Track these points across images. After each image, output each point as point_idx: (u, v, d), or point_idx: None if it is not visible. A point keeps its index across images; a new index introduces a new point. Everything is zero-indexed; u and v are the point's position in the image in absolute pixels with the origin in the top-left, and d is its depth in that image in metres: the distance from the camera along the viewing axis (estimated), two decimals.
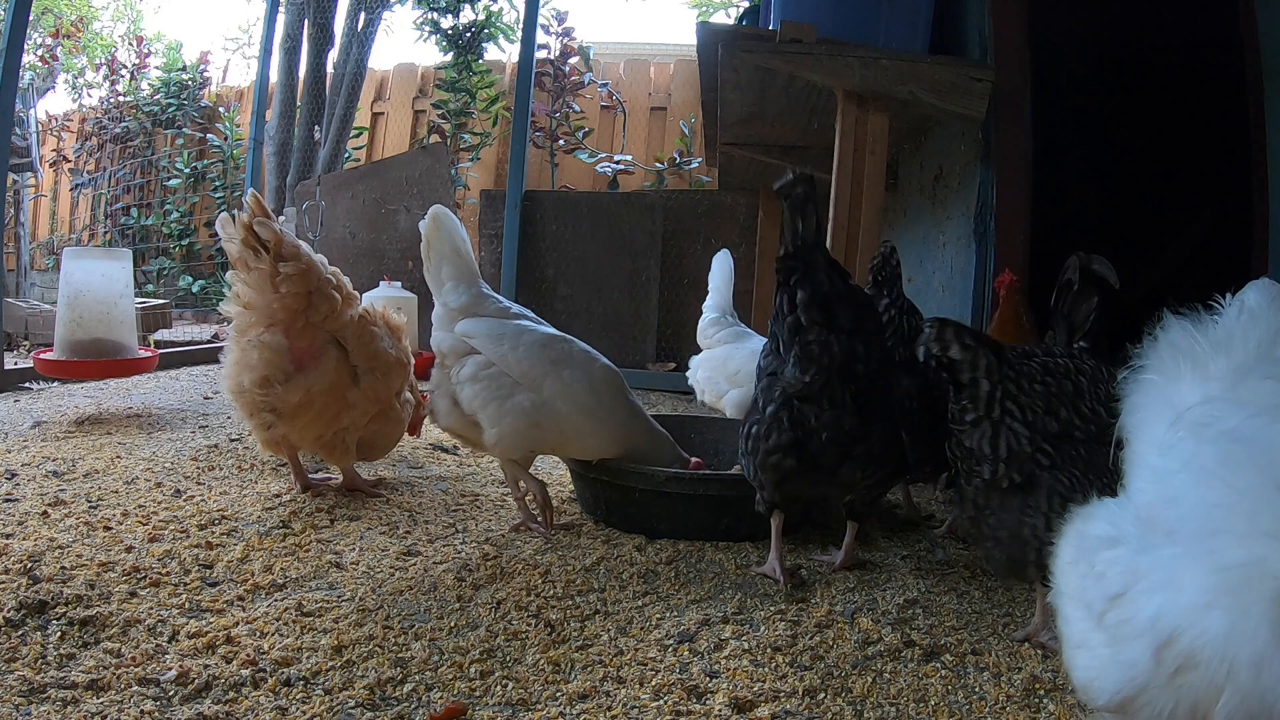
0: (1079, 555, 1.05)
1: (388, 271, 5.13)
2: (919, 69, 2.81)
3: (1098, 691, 0.94)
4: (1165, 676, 0.85)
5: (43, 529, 1.94)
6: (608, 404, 2.11)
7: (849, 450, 1.69)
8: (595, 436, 2.12)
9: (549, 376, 2.06)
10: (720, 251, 3.38)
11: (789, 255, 1.72)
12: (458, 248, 2.21)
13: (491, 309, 2.19)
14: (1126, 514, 1.03)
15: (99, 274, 3.46)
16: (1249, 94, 2.70)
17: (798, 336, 1.68)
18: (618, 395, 2.14)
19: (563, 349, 2.13)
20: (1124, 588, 0.94)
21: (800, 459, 1.70)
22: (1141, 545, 0.96)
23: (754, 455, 1.75)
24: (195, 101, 9.21)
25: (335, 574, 1.80)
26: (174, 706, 1.25)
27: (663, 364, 5.22)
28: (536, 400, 2.06)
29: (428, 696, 1.33)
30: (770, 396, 1.73)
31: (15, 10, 3.78)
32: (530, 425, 2.06)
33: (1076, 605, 1.03)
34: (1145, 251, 4.09)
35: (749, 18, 4.50)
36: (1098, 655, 0.95)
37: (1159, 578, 0.91)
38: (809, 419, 1.68)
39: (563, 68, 7.44)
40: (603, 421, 2.11)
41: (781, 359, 1.74)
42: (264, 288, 2.15)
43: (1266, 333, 1.02)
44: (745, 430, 1.85)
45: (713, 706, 1.33)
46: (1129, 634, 0.91)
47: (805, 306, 1.66)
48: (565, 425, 2.08)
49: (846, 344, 1.66)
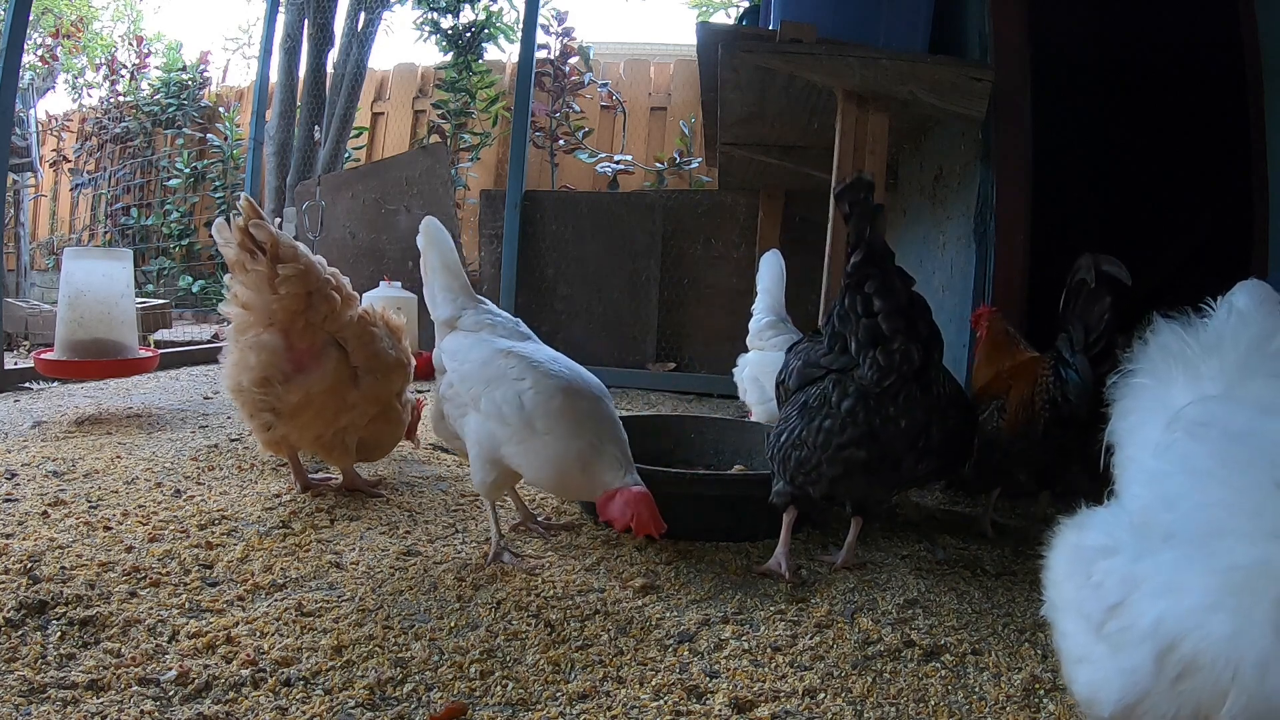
0: (1074, 568, 1.05)
1: (388, 271, 5.14)
2: (919, 69, 2.81)
3: (1101, 704, 0.93)
4: (1167, 682, 0.85)
5: (43, 529, 1.94)
6: (543, 425, 1.82)
7: (915, 443, 1.77)
8: (526, 459, 1.85)
9: (483, 397, 1.91)
10: (769, 251, 3.35)
11: (864, 262, 1.76)
12: (445, 260, 2.15)
13: (468, 323, 2.09)
14: (1120, 521, 1.03)
15: (99, 274, 3.46)
16: (1249, 94, 2.70)
17: (879, 344, 1.74)
18: (555, 417, 1.83)
19: (499, 367, 1.91)
20: (1122, 596, 0.93)
21: (871, 451, 1.76)
22: (1138, 552, 0.96)
23: (824, 449, 1.79)
24: (195, 101, 9.20)
25: (335, 574, 1.80)
26: (174, 706, 1.25)
27: (663, 364, 5.22)
28: (479, 420, 1.93)
29: (428, 696, 1.33)
30: (845, 392, 1.78)
31: (15, 10, 3.78)
32: (478, 446, 1.93)
33: (1074, 618, 1.02)
34: (1145, 251, 4.09)
35: (749, 18, 4.50)
36: (1100, 668, 0.95)
37: (1159, 583, 0.90)
38: (886, 409, 1.75)
39: (563, 68, 7.44)
40: (529, 446, 1.84)
41: (851, 358, 1.80)
42: (262, 289, 2.15)
43: (1257, 333, 1.01)
44: (801, 428, 1.84)
45: (713, 706, 1.33)
46: (1129, 641, 0.90)
47: (888, 315, 1.73)
48: (505, 449, 1.88)
49: (924, 351, 1.74)
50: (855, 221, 1.79)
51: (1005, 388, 2.18)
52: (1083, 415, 1.97)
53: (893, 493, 2.06)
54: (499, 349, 1.95)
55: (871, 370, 1.74)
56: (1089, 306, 1.94)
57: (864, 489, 1.90)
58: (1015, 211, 2.96)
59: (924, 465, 1.81)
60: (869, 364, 1.75)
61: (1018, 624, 1.70)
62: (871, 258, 1.76)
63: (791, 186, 4.85)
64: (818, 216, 3.38)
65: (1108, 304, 1.89)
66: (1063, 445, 2.04)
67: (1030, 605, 1.80)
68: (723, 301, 5.15)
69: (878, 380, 1.74)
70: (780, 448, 1.88)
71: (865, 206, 1.79)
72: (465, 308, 2.13)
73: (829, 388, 1.82)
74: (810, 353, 1.93)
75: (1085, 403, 1.95)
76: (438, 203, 5.61)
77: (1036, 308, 2.89)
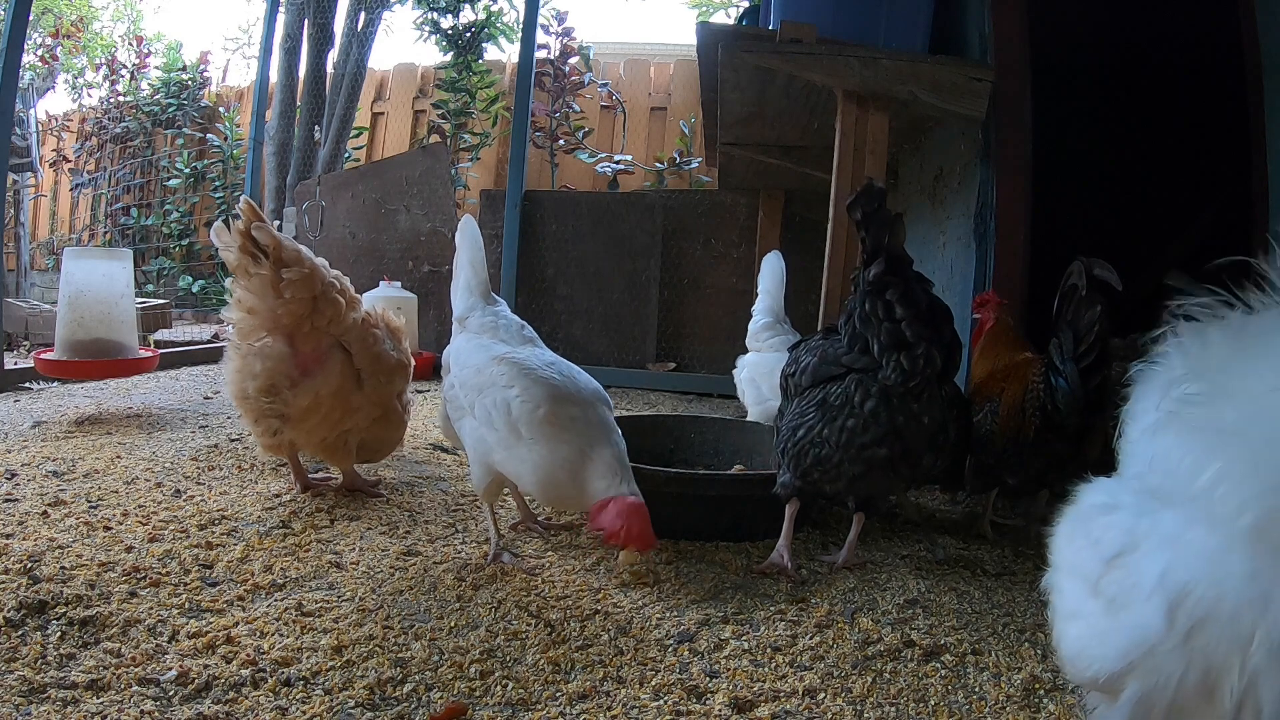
0: (1075, 527, 1.04)
1: (388, 271, 5.13)
2: (919, 69, 2.81)
3: (1088, 661, 0.91)
4: (1179, 637, 0.80)
5: (43, 529, 1.94)
6: (528, 432, 1.80)
7: (935, 440, 1.81)
8: (513, 466, 1.84)
9: (476, 402, 1.92)
10: (770, 253, 3.37)
11: (886, 272, 1.79)
12: (472, 258, 2.21)
13: (474, 324, 2.12)
14: (1123, 486, 1.03)
15: (100, 274, 3.46)
16: (1249, 94, 2.70)
17: (903, 349, 1.77)
18: (540, 424, 1.80)
19: (491, 374, 1.90)
20: (1122, 549, 0.91)
21: (894, 449, 1.80)
22: (1140, 510, 0.94)
23: (847, 448, 1.82)
24: (195, 101, 9.20)
25: (335, 574, 1.80)
26: (174, 706, 1.25)
27: (663, 364, 5.22)
28: (473, 425, 1.93)
29: (428, 696, 1.33)
30: (868, 393, 1.81)
31: (15, 10, 3.78)
32: (473, 451, 1.94)
33: (1071, 577, 1.00)
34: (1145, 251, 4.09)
35: (749, 18, 4.50)
36: (1091, 623, 0.92)
37: (1164, 535, 0.88)
38: (910, 407, 1.79)
39: (563, 68, 7.43)
40: (515, 454, 1.82)
41: (873, 359, 1.83)
42: (266, 293, 2.13)
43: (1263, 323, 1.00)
44: (821, 427, 1.86)
45: (713, 706, 1.33)
46: (1134, 598, 0.86)
47: (911, 322, 1.76)
48: (494, 456, 1.87)
49: (945, 354, 1.78)
50: (873, 231, 1.82)
51: (999, 389, 2.17)
52: (1073, 424, 1.97)
53: (908, 489, 2.10)
54: (494, 355, 1.95)
55: (896, 373, 1.77)
56: (1080, 313, 1.93)
57: (882, 486, 1.93)
58: (1015, 211, 2.96)
59: (940, 461, 1.86)
60: (893, 367, 1.78)
61: (1018, 624, 1.70)
62: (893, 267, 1.79)
63: (791, 186, 4.85)
64: (818, 216, 3.38)
65: (1098, 313, 1.89)
66: (1054, 452, 2.03)
67: (1030, 605, 1.80)
68: (723, 301, 5.16)
69: (902, 382, 1.77)
70: (796, 444, 1.89)
71: (882, 215, 1.81)
72: (475, 308, 2.16)
73: (851, 388, 1.83)
74: (828, 350, 1.94)
75: (1075, 412, 1.95)
76: (438, 203, 5.61)
77: (1036, 308, 2.88)
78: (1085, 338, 1.93)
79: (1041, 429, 2.02)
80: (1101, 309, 1.89)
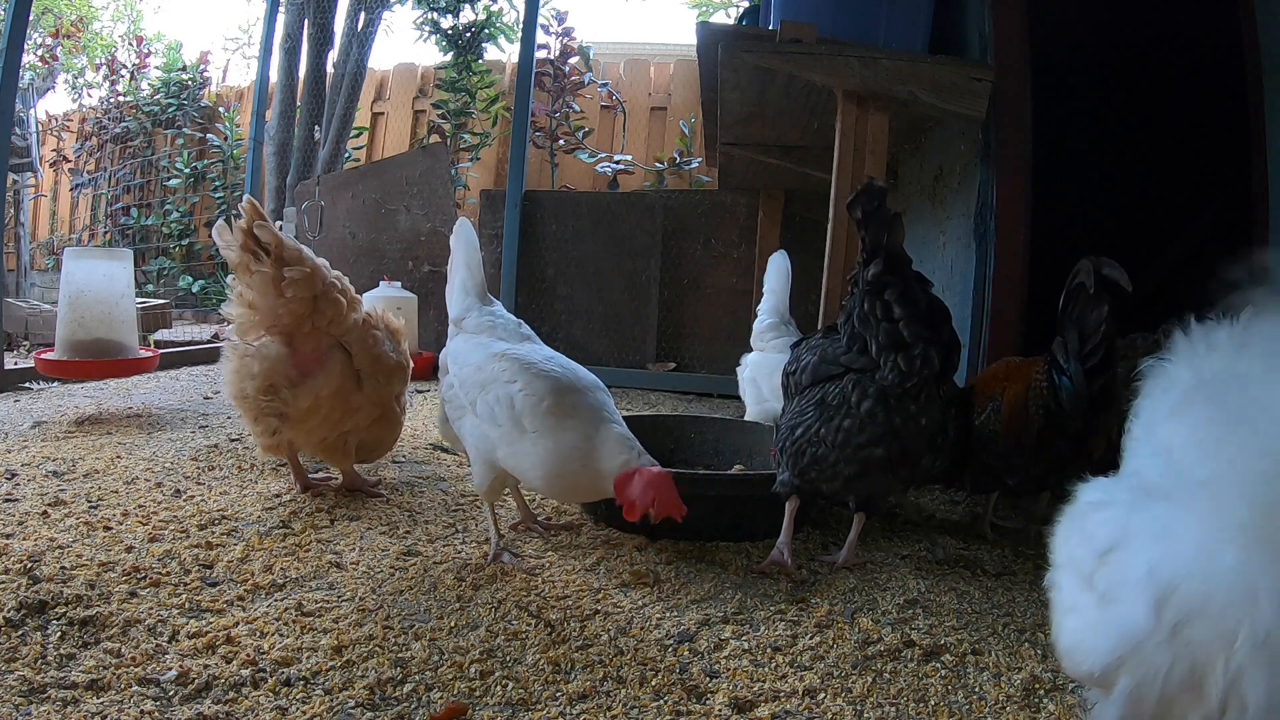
0: (1073, 525, 1.05)
1: (388, 271, 5.13)
2: (919, 69, 2.81)
3: (1083, 655, 0.91)
4: (1166, 632, 0.81)
5: (43, 529, 1.94)
6: (531, 425, 1.80)
7: (934, 441, 1.81)
8: (519, 461, 1.84)
9: (479, 400, 1.92)
10: (776, 253, 3.36)
11: (885, 271, 1.78)
12: (468, 260, 2.19)
13: (472, 325, 2.11)
14: (1119, 483, 1.04)
15: (100, 274, 3.46)
16: (1249, 94, 2.70)
17: (901, 349, 1.76)
18: (544, 415, 1.80)
19: (492, 370, 1.90)
20: (1113, 543, 0.92)
21: (890, 449, 1.79)
22: (1133, 506, 0.95)
23: (843, 449, 1.81)
24: (195, 101, 9.20)
25: (335, 574, 1.80)
26: (174, 706, 1.25)
27: (663, 364, 5.22)
28: (475, 423, 1.93)
29: (428, 696, 1.33)
30: (865, 393, 1.80)
31: (15, 10, 3.78)
32: (475, 449, 1.95)
33: (1068, 572, 1.02)
34: (1145, 251, 4.09)
35: (749, 18, 4.50)
36: (1085, 617, 0.93)
37: (1154, 531, 0.88)
38: (908, 408, 1.79)
39: (563, 68, 7.43)
40: (520, 448, 1.82)
41: (871, 359, 1.82)
42: (268, 291, 2.13)
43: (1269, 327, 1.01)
44: (819, 427, 1.86)
45: (713, 706, 1.33)
46: (1124, 592, 0.87)
47: (909, 322, 1.76)
48: (499, 452, 1.88)
49: (943, 354, 1.78)
50: (872, 230, 1.81)
51: (1001, 388, 2.17)
52: (1076, 424, 1.96)
53: (907, 490, 2.09)
54: (494, 352, 1.95)
55: (893, 373, 1.77)
56: (1086, 312, 1.91)
57: (880, 486, 1.92)
58: (1015, 211, 2.96)
59: (940, 462, 1.85)
60: (890, 367, 1.78)
61: (1018, 624, 1.70)
62: (892, 266, 1.78)
63: (791, 186, 4.85)
64: (818, 216, 3.38)
65: (1105, 312, 1.86)
66: (1057, 451, 2.02)
67: (1030, 605, 1.80)
68: (723, 301, 5.16)
69: (899, 382, 1.77)
70: (794, 442, 1.89)
71: (882, 214, 1.80)
72: (471, 309, 2.14)
73: (849, 388, 1.83)
74: (827, 349, 1.94)
75: (1079, 411, 1.93)
76: (438, 203, 5.61)
77: (1036, 308, 2.88)
78: (1091, 337, 1.90)
79: (1044, 428, 2.01)
80: (1109, 309, 1.87)
